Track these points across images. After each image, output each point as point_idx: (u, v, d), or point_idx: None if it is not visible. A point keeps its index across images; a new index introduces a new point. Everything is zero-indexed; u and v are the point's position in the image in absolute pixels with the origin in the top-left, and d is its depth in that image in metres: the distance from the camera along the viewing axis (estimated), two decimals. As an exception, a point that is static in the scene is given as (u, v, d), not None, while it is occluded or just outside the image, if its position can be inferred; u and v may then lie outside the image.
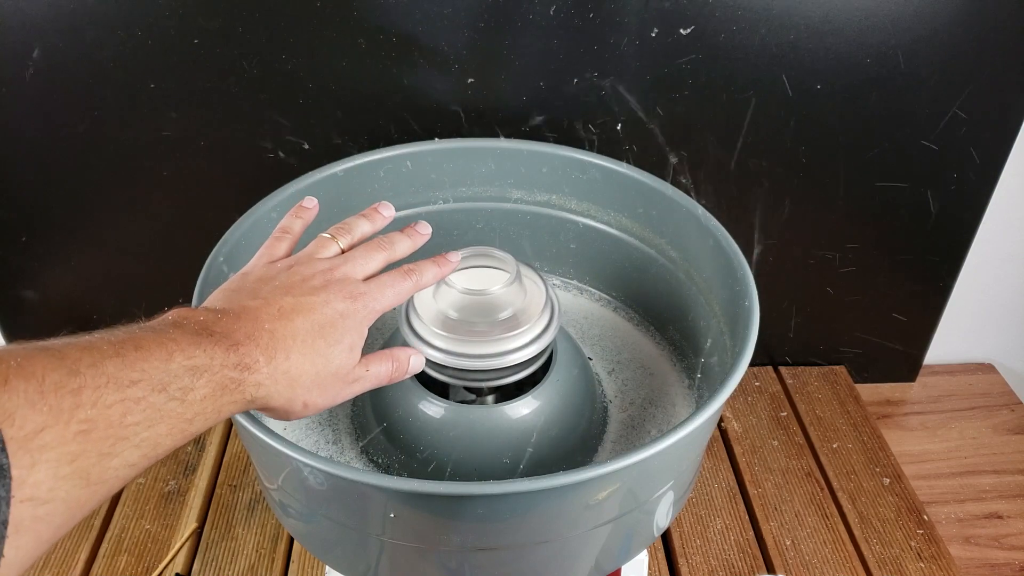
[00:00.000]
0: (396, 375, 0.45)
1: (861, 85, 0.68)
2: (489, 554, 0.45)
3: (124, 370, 0.30)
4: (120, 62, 0.64)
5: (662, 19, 0.64)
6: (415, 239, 0.49)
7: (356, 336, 0.42)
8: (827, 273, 0.81)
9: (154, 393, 0.31)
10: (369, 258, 0.45)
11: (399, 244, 0.47)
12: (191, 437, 0.34)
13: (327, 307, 0.40)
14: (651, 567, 0.68)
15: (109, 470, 0.29)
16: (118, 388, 0.30)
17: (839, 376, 0.88)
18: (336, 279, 0.42)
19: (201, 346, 0.34)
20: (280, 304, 0.39)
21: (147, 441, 0.31)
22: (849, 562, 0.69)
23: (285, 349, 0.38)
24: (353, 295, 0.42)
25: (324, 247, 0.45)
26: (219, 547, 0.68)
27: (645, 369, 0.62)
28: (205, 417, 0.34)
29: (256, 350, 0.36)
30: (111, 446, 0.29)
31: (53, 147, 0.69)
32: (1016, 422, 0.86)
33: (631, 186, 0.61)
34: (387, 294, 0.44)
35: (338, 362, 0.40)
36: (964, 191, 0.75)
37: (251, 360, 0.36)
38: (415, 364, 0.47)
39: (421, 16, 0.63)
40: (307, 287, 0.41)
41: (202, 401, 0.33)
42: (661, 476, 0.46)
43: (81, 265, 0.77)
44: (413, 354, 0.47)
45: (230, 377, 0.35)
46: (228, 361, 0.35)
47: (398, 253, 0.47)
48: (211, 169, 0.71)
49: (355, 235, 0.47)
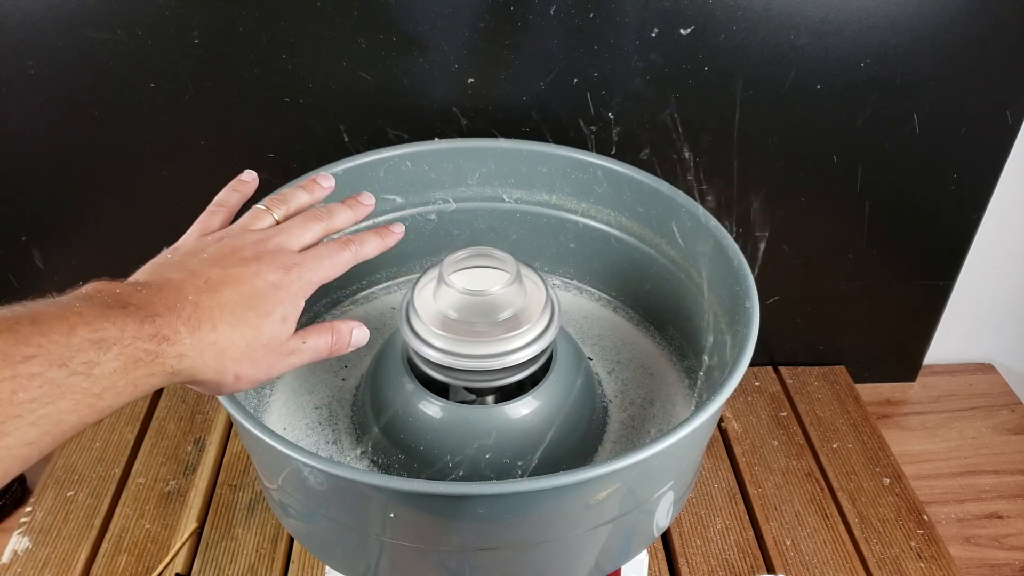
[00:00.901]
0: (337, 347, 0.44)
1: (861, 85, 0.68)
2: (489, 554, 0.45)
3: (16, 345, 0.29)
4: (120, 62, 0.64)
5: (662, 19, 0.64)
6: (357, 210, 0.47)
7: (290, 307, 0.40)
8: (827, 273, 0.81)
9: (52, 368, 0.30)
10: (305, 229, 0.44)
11: (338, 215, 0.46)
12: (104, 413, 0.32)
13: (258, 278, 0.39)
14: (651, 567, 0.68)
15: (0, 450, 0.29)
16: (7, 364, 0.29)
17: (839, 376, 0.88)
18: (268, 250, 0.41)
19: (110, 318, 0.33)
20: (207, 275, 0.38)
21: (47, 418, 0.30)
22: (849, 562, 0.69)
23: (211, 320, 0.37)
24: (286, 266, 0.41)
25: (258, 219, 0.44)
26: (219, 547, 0.68)
27: (645, 369, 0.62)
28: (117, 391, 0.32)
29: (177, 321, 0.35)
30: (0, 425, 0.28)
31: (53, 147, 0.69)
32: (1016, 422, 0.86)
33: (631, 186, 0.61)
34: (324, 264, 0.43)
35: (269, 333, 0.39)
36: (964, 191, 0.75)
37: (170, 331, 0.35)
38: (358, 337, 0.45)
39: (421, 16, 0.63)
40: (237, 258, 0.40)
41: (112, 375, 0.32)
42: (661, 476, 0.46)
43: (81, 265, 0.76)
44: (356, 327, 0.45)
45: (144, 349, 0.33)
46: (142, 333, 0.33)
47: (337, 224, 0.46)
48: (211, 169, 0.71)
49: (291, 206, 0.46)
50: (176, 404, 0.82)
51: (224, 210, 0.46)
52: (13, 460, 0.29)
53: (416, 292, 0.52)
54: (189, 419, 0.80)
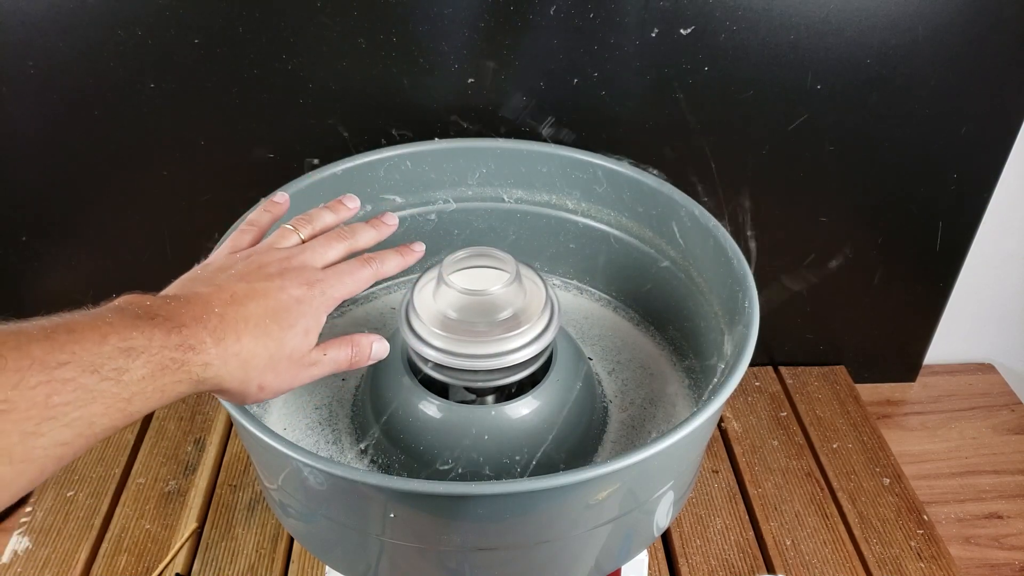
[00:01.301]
0: (357, 360, 0.45)
1: (861, 85, 0.68)
2: (489, 554, 0.45)
3: (52, 352, 0.31)
4: (120, 62, 0.64)
5: (662, 19, 0.64)
6: (380, 229, 0.49)
7: (312, 321, 0.42)
8: (827, 273, 0.81)
9: (84, 374, 0.32)
10: (329, 247, 0.45)
11: (362, 234, 0.48)
12: (134, 417, 0.34)
13: (282, 293, 0.41)
14: (651, 567, 0.68)
15: (36, 449, 0.30)
16: (44, 369, 0.30)
17: (839, 376, 0.88)
18: (293, 267, 0.43)
19: (139, 328, 0.34)
20: (234, 290, 0.40)
21: (79, 420, 0.31)
22: (849, 562, 0.69)
23: (236, 332, 0.38)
24: (309, 282, 0.42)
25: (284, 237, 0.46)
26: (219, 547, 0.68)
27: (645, 369, 0.62)
28: (145, 397, 0.34)
29: (203, 332, 0.37)
30: (36, 426, 0.30)
31: (53, 147, 0.69)
32: (1016, 422, 0.86)
33: (631, 186, 0.61)
34: (345, 281, 0.44)
35: (292, 345, 0.41)
36: (964, 191, 0.75)
37: (196, 341, 0.36)
38: (378, 351, 0.46)
39: (421, 16, 0.63)
40: (262, 274, 0.42)
41: (140, 381, 0.34)
42: (661, 476, 0.46)
43: (81, 265, 0.76)
44: (376, 340, 0.46)
45: (171, 358, 0.35)
46: (168, 342, 0.35)
47: (360, 243, 0.47)
48: (211, 169, 0.71)
49: (316, 225, 0.47)
50: (176, 404, 0.81)
51: (255, 229, 0.47)
52: (48, 459, 0.31)
53: (416, 292, 0.52)
54: (189, 419, 0.80)
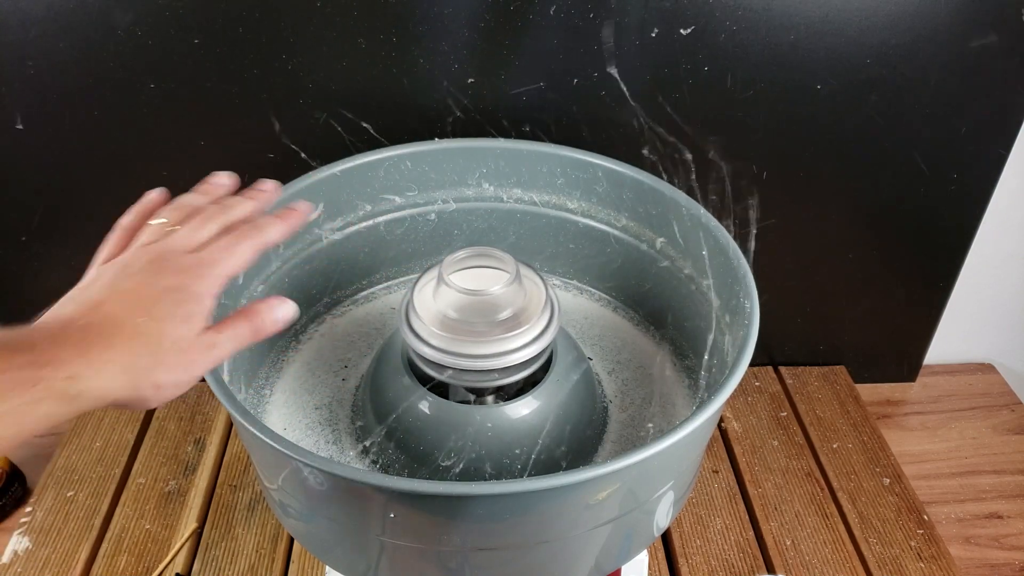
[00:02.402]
0: (261, 329, 0.41)
1: (861, 85, 0.68)
2: (489, 554, 0.45)
3: None
4: (120, 62, 0.64)
5: (662, 19, 0.64)
6: (258, 199, 0.45)
7: (193, 306, 0.39)
8: (827, 273, 0.81)
9: None
10: (200, 228, 0.42)
11: (236, 208, 0.44)
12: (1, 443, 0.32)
13: (150, 287, 0.38)
14: (651, 567, 0.68)
15: None
16: None
17: (839, 376, 0.88)
18: (159, 257, 0.40)
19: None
20: (97, 299, 0.38)
21: None
22: (849, 562, 0.69)
23: (105, 338, 0.36)
24: (181, 268, 0.39)
25: (150, 232, 0.43)
26: (219, 547, 0.68)
27: (645, 369, 0.62)
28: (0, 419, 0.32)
29: (61, 346, 0.35)
30: None
31: (53, 147, 0.69)
32: (1016, 422, 0.86)
33: (631, 186, 0.61)
34: (222, 258, 0.41)
35: (173, 335, 0.38)
36: (964, 191, 0.75)
37: (50, 356, 0.34)
38: (283, 312, 0.42)
39: (421, 16, 0.63)
40: (126, 273, 0.39)
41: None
42: (661, 476, 0.46)
43: (81, 265, 0.76)
44: (278, 303, 0.42)
45: (20, 377, 0.33)
46: (13, 362, 0.33)
47: (235, 216, 0.43)
48: (211, 169, 0.71)
49: (184, 210, 0.44)
50: (176, 404, 0.82)
51: (124, 233, 0.45)
52: None
53: (416, 292, 0.52)
54: (189, 419, 0.80)
